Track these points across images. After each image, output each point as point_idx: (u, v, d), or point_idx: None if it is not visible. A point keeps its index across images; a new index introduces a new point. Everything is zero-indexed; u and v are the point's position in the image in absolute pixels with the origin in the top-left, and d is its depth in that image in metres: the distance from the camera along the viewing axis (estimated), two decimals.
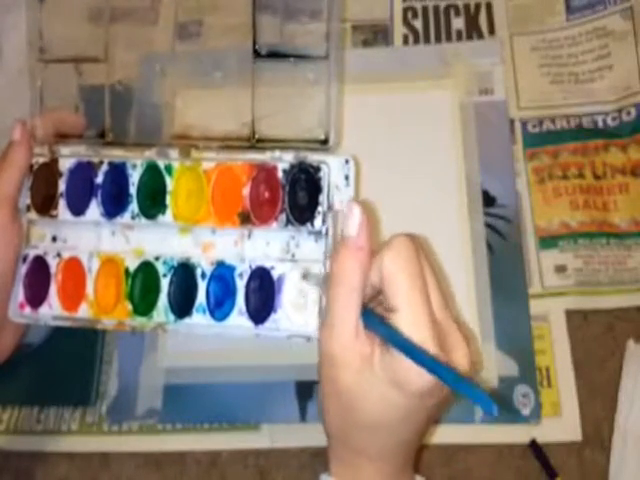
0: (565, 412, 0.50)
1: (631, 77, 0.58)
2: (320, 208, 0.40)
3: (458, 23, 0.62)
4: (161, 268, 0.42)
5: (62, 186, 0.44)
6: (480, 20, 0.62)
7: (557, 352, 0.51)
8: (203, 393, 0.49)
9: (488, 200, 0.55)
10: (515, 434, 0.49)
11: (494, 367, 0.50)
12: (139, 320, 0.43)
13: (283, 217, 0.40)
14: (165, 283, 0.42)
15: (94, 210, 0.44)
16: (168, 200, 0.42)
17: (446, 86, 0.58)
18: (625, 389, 0.49)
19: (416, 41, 0.62)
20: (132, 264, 0.43)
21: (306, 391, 0.48)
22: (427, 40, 0.62)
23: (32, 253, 0.44)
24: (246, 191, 0.41)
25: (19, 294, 0.44)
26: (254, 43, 0.42)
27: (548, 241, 0.54)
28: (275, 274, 0.41)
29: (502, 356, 0.51)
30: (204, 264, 0.42)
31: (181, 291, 0.42)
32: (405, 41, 0.62)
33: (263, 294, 0.41)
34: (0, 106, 0.62)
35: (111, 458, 0.50)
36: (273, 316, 0.41)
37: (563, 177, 0.56)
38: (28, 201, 0.45)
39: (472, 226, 0.54)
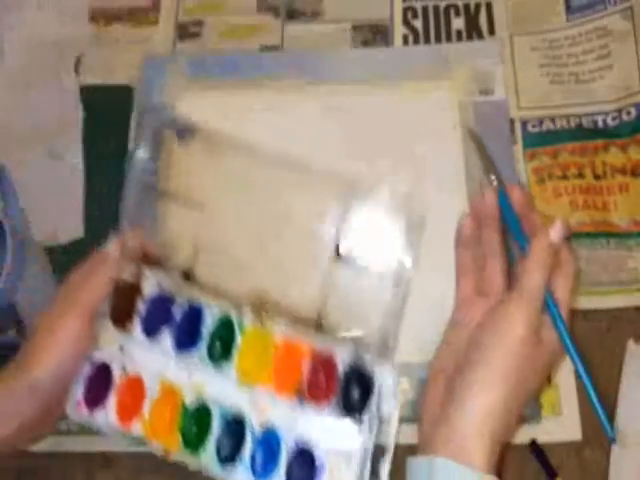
0: (565, 412, 0.50)
1: (631, 77, 0.58)
2: (368, 410, 0.43)
3: (458, 23, 0.62)
4: (216, 414, 0.44)
5: (141, 307, 0.46)
6: (480, 20, 0.62)
7: None
8: None
9: None
10: (515, 434, 0.49)
11: None
12: (186, 456, 0.44)
13: (335, 405, 0.43)
14: (217, 429, 0.44)
15: (166, 339, 0.45)
16: (235, 354, 0.45)
17: (446, 86, 0.58)
18: (625, 389, 0.50)
19: (416, 41, 0.62)
20: (190, 401, 0.44)
21: None
22: (427, 40, 0.62)
23: (98, 358, 0.46)
24: (306, 370, 0.44)
25: (78, 392, 0.45)
26: (336, 247, 0.47)
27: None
28: (318, 456, 0.43)
29: None
30: (255, 424, 0.43)
31: (230, 443, 0.44)
32: (405, 41, 0.62)
33: (304, 472, 0.43)
34: (0, 106, 0.62)
35: (111, 458, 0.50)
36: None
37: (563, 177, 0.56)
38: (106, 309, 0.46)
39: None
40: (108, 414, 0.45)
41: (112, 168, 0.58)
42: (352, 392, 0.44)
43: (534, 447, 0.49)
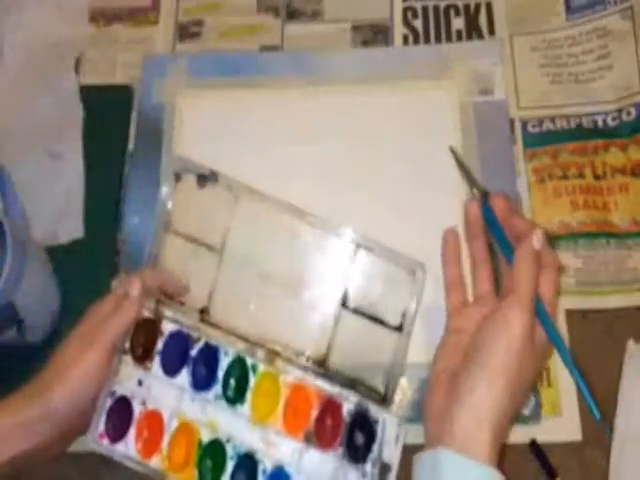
0: (565, 412, 0.50)
1: (631, 77, 0.58)
2: (371, 455, 0.46)
3: (458, 23, 0.62)
4: (230, 451, 0.46)
5: (160, 345, 0.48)
6: (480, 20, 0.62)
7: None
8: None
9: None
10: (515, 434, 0.49)
11: None
12: None
13: (340, 450, 0.46)
14: (230, 466, 0.46)
15: (184, 377, 0.48)
16: (248, 395, 0.47)
17: (446, 86, 0.58)
18: (625, 389, 0.49)
19: (416, 41, 0.62)
20: (206, 437, 0.47)
21: None
22: (427, 40, 0.62)
23: (119, 392, 0.48)
24: (314, 414, 0.47)
25: (100, 424, 0.47)
26: (344, 297, 0.50)
27: (548, 241, 0.54)
28: None
29: None
30: (267, 462, 0.46)
31: (243, 478, 0.46)
32: (405, 41, 0.62)
33: None
34: (0, 106, 0.62)
35: (111, 458, 0.50)
36: None
37: (563, 177, 0.56)
38: (127, 345, 0.48)
39: None
40: (128, 446, 0.47)
41: (112, 168, 0.58)
42: (356, 438, 0.46)
43: (534, 447, 0.49)
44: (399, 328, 0.49)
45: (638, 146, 0.56)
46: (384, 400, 0.48)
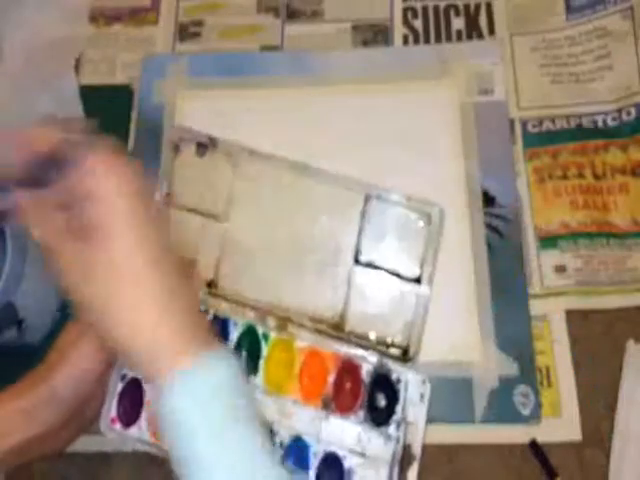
0: (565, 412, 0.50)
1: (631, 77, 0.58)
2: (395, 417, 0.44)
3: (458, 23, 0.62)
4: None
5: None
6: (480, 20, 0.62)
7: (557, 352, 0.51)
8: None
9: (488, 200, 0.55)
10: (515, 434, 0.49)
11: (494, 367, 0.50)
12: None
13: (361, 413, 0.44)
14: None
15: None
16: (261, 365, 0.46)
17: (446, 86, 0.58)
18: (625, 389, 0.50)
19: (416, 41, 0.62)
20: None
21: None
22: (427, 40, 0.62)
23: (130, 374, 0.47)
24: (331, 379, 0.45)
25: (112, 409, 0.46)
26: (356, 252, 0.47)
27: (548, 241, 0.54)
28: (346, 464, 0.44)
29: (502, 356, 0.51)
30: (283, 433, 0.45)
31: None
32: (405, 41, 0.62)
33: (333, 479, 0.44)
34: (0, 106, 0.62)
35: (111, 458, 0.50)
36: None
37: (563, 177, 0.56)
38: None
39: (472, 226, 0.54)
40: (142, 429, 0.46)
41: None
42: (378, 400, 0.44)
43: (534, 447, 0.49)
44: (417, 280, 0.47)
45: (638, 146, 0.56)
46: (406, 358, 0.46)
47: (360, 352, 0.45)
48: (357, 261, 0.48)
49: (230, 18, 0.64)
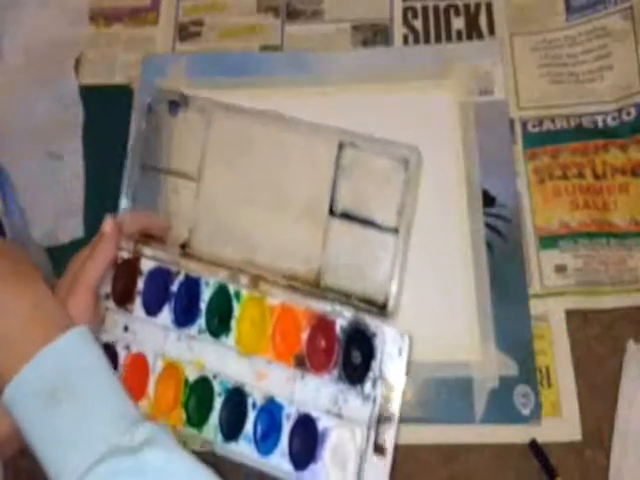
0: (565, 412, 0.50)
1: (631, 77, 0.58)
2: (371, 374, 0.42)
3: (458, 23, 0.62)
4: (217, 387, 0.44)
5: (140, 285, 0.46)
6: (480, 20, 0.62)
7: (557, 352, 0.51)
8: None
9: (488, 200, 0.55)
10: (515, 434, 0.49)
11: (494, 367, 0.50)
12: (190, 431, 0.44)
13: (335, 372, 0.42)
14: (219, 403, 0.44)
15: (166, 315, 0.46)
16: (233, 324, 0.44)
17: (446, 86, 0.58)
18: (625, 389, 0.49)
19: (416, 41, 0.62)
20: (192, 375, 0.44)
21: None
22: (427, 40, 0.62)
23: (104, 339, 0.46)
24: (304, 336, 0.43)
25: None
26: (332, 200, 0.45)
27: (548, 241, 0.54)
28: (320, 425, 0.42)
29: (502, 356, 0.51)
30: (256, 395, 0.43)
31: (232, 415, 0.43)
32: (405, 41, 0.62)
33: (306, 441, 0.42)
34: (0, 106, 0.62)
35: None
36: (313, 466, 0.42)
37: (563, 177, 0.56)
38: (108, 290, 0.47)
39: (472, 226, 0.54)
40: None
41: (112, 168, 0.58)
42: (353, 357, 0.42)
43: (534, 447, 0.49)
44: (395, 229, 0.44)
45: (638, 146, 0.56)
46: (383, 311, 0.44)
47: (335, 307, 0.43)
48: (332, 213, 0.45)
49: (230, 18, 0.64)
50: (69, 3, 0.65)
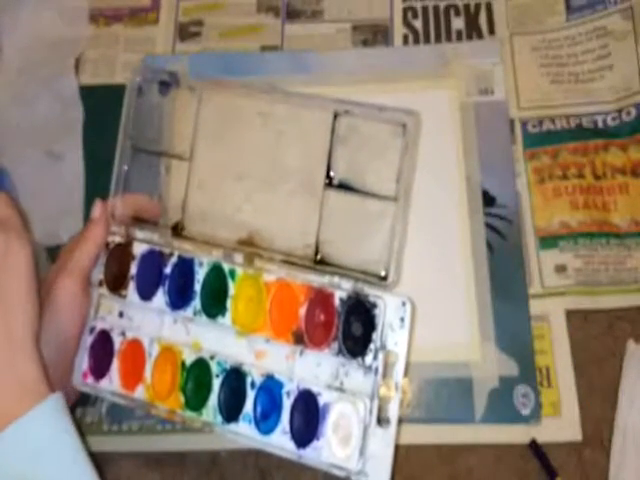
0: (565, 412, 0.50)
1: (631, 77, 0.58)
2: (372, 345, 0.40)
3: (458, 23, 0.62)
4: (215, 368, 0.43)
5: (134, 269, 0.46)
6: (480, 20, 0.62)
7: (557, 352, 0.51)
8: None
9: (488, 200, 0.55)
10: (515, 434, 0.49)
11: (494, 367, 0.50)
12: (189, 414, 0.44)
13: (335, 345, 0.41)
14: (217, 384, 0.43)
15: (160, 298, 0.45)
16: (229, 304, 0.43)
17: (446, 86, 0.58)
18: (625, 389, 0.49)
19: (416, 41, 0.62)
20: (189, 358, 0.44)
21: None
22: (427, 40, 0.62)
23: (99, 326, 0.46)
24: (302, 311, 0.42)
25: (83, 363, 0.45)
26: (328, 171, 0.44)
27: (548, 241, 0.54)
28: (321, 401, 0.41)
29: (502, 356, 0.51)
30: (255, 373, 0.42)
31: (231, 395, 0.43)
32: (405, 41, 0.62)
33: (308, 418, 0.41)
34: (0, 106, 0.62)
35: (111, 458, 0.50)
36: (315, 443, 0.41)
37: (563, 177, 0.56)
38: (101, 276, 0.46)
39: (472, 226, 0.54)
40: (112, 381, 0.45)
41: (112, 168, 0.58)
42: (353, 328, 0.41)
43: (534, 447, 0.49)
44: (394, 197, 0.42)
45: (638, 146, 0.56)
46: (383, 280, 0.42)
47: (333, 279, 0.42)
48: (329, 184, 0.44)
49: (230, 18, 0.64)
50: (69, 3, 0.65)
